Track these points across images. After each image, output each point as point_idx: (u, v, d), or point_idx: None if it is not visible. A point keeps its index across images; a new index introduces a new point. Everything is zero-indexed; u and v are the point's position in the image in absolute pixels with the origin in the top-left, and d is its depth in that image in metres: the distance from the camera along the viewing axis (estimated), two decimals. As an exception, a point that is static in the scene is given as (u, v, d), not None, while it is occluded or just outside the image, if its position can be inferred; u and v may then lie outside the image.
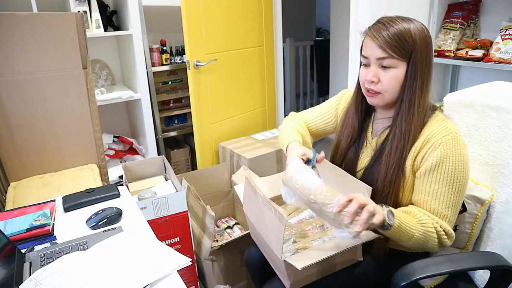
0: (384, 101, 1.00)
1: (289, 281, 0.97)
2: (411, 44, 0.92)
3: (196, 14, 2.02)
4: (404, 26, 0.93)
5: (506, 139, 0.99)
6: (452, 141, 0.92)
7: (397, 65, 0.94)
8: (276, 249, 0.95)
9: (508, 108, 0.99)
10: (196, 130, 2.19)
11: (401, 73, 0.95)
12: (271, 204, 0.93)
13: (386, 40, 0.92)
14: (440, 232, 0.91)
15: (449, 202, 0.92)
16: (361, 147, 1.10)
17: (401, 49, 0.92)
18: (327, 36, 4.45)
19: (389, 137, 1.00)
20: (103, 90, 2.31)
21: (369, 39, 0.97)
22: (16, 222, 1.02)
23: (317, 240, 1.05)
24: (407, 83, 0.95)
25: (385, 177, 0.99)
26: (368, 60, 0.98)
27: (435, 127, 0.95)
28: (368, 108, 1.10)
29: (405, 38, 0.92)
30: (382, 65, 0.95)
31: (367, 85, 0.99)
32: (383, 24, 0.94)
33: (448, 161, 0.91)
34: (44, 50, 1.58)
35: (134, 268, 0.81)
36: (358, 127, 1.10)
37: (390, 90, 0.97)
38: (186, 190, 1.64)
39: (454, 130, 0.94)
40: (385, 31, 0.93)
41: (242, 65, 2.40)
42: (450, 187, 0.92)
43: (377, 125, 1.09)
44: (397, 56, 0.93)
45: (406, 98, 0.96)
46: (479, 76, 2.07)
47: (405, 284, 0.79)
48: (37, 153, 1.65)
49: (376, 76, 0.96)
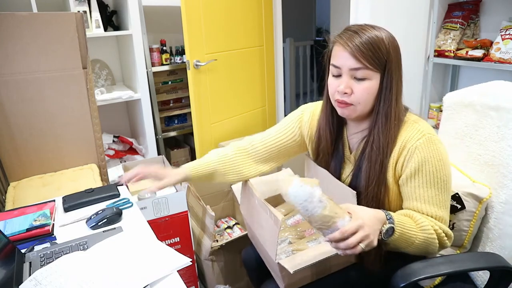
0: (356, 113, 0.94)
1: (283, 282, 0.97)
2: (385, 54, 0.88)
3: (196, 14, 2.02)
4: (376, 34, 0.89)
5: (506, 139, 0.99)
6: (427, 143, 0.90)
7: (372, 77, 0.90)
8: (271, 251, 0.95)
9: (508, 108, 0.99)
10: (196, 130, 2.19)
11: (375, 85, 0.91)
12: (266, 206, 0.93)
13: (359, 49, 0.87)
14: (440, 234, 0.91)
15: (439, 203, 0.92)
16: (341, 162, 1.06)
17: (376, 59, 0.88)
18: (327, 36, 4.44)
19: (366, 150, 0.96)
20: (103, 90, 2.31)
21: (340, 47, 0.91)
22: (16, 222, 1.02)
23: (312, 241, 1.05)
24: (382, 94, 0.91)
25: (367, 192, 0.96)
26: (339, 70, 0.92)
27: (408, 132, 0.93)
28: (340, 120, 1.04)
29: (379, 47, 0.88)
30: (355, 76, 0.90)
31: (339, 96, 0.93)
32: (355, 32, 0.89)
33: (427, 164, 0.90)
34: (44, 50, 1.58)
35: (134, 268, 0.81)
36: (331, 141, 1.05)
37: (364, 102, 0.92)
38: (186, 190, 1.64)
39: (426, 131, 0.92)
40: (358, 39, 0.88)
41: (242, 65, 2.40)
42: (435, 188, 0.91)
43: (352, 140, 1.05)
44: (372, 67, 0.88)
45: (382, 111, 0.92)
46: (479, 76, 2.07)
47: (404, 285, 0.79)
48: (37, 153, 1.65)
49: (349, 87, 0.91)
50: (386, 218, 0.85)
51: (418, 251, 0.91)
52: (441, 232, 0.91)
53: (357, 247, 0.78)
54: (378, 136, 0.93)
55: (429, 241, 0.89)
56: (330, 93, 0.97)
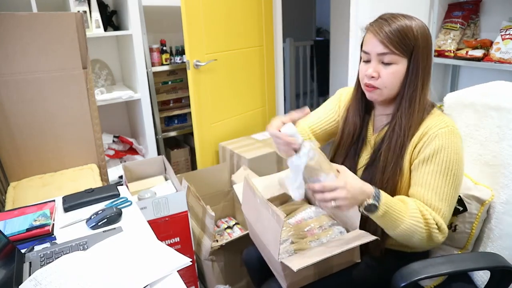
0: (382, 96, 1.00)
1: (286, 282, 0.97)
2: (412, 41, 0.93)
3: (196, 14, 2.02)
4: (406, 22, 0.93)
5: (507, 139, 0.99)
6: (448, 133, 0.93)
7: (398, 61, 0.94)
8: (273, 250, 0.95)
9: (509, 108, 0.99)
10: (196, 130, 2.19)
11: (401, 69, 0.95)
12: (268, 205, 0.93)
13: (388, 36, 0.92)
14: (432, 225, 0.90)
15: (443, 195, 0.92)
16: (361, 145, 1.10)
17: (403, 45, 0.93)
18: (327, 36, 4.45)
19: (388, 133, 1.00)
20: (103, 90, 2.31)
21: (370, 34, 0.97)
22: (16, 222, 1.02)
23: (315, 241, 1.05)
24: (407, 79, 0.96)
25: (383, 173, 0.99)
26: (369, 55, 0.98)
27: (432, 121, 0.96)
28: (368, 105, 1.10)
29: (406, 34, 0.92)
30: (382, 61, 0.95)
31: (367, 80, 0.99)
32: (385, 20, 0.95)
33: (443, 152, 0.91)
34: (44, 50, 1.58)
35: (134, 268, 0.81)
36: (360, 124, 1.10)
37: (390, 85, 0.97)
38: (186, 190, 1.64)
39: (451, 123, 0.95)
40: (387, 27, 0.93)
41: (242, 65, 2.40)
42: (444, 179, 0.92)
43: (377, 122, 1.09)
44: (399, 52, 0.93)
45: (406, 95, 0.96)
46: (479, 76, 2.07)
47: (405, 285, 0.79)
48: (37, 153, 1.65)
49: (376, 71, 0.96)
50: (373, 194, 0.88)
51: (403, 237, 0.91)
52: (434, 223, 0.90)
53: (329, 203, 0.86)
54: (400, 119, 0.97)
55: (415, 229, 0.89)
56: (360, 77, 1.03)
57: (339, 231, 1.08)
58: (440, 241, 0.92)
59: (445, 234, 0.93)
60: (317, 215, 1.17)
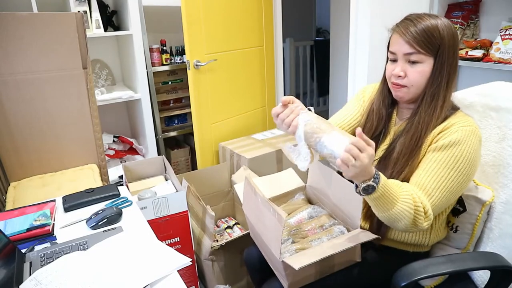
0: (409, 95, 1.01)
1: (287, 281, 0.97)
2: (438, 40, 0.94)
3: (196, 14, 2.02)
4: (431, 22, 0.95)
5: (506, 139, 0.99)
6: (470, 132, 0.93)
7: (424, 60, 0.96)
8: (275, 250, 0.95)
9: (508, 108, 0.99)
10: (196, 130, 2.19)
11: (428, 68, 0.96)
12: (270, 204, 0.93)
13: (413, 36, 0.94)
14: (418, 207, 0.89)
15: (440, 184, 0.91)
16: (382, 137, 1.10)
17: (429, 44, 0.94)
18: (327, 36, 4.45)
19: (407, 126, 1.01)
20: (103, 90, 2.31)
21: (397, 35, 0.98)
22: (16, 222, 1.02)
23: (316, 240, 1.05)
24: (433, 77, 0.96)
25: (395, 164, 0.99)
26: (395, 55, 0.99)
27: (457, 119, 0.97)
28: (393, 99, 1.11)
29: (432, 34, 0.94)
30: (409, 60, 0.97)
31: (394, 79, 1.01)
32: (411, 21, 0.96)
33: (458, 146, 0.92)
34: (44, 50, 1.58)
35: (134, 268, 0.81)
36: (385, 116, 1.10)
37: (416, 84, 0.98)
38: (186, 190, 1.64)
39: (475, 125, 0.95)
40: (413, 27, 0.94)
41: (242, 65, 2.40)
42: (448, 171, 0.91)
43: (400, 115, 1.10)
44: (424, 51, 0.94)
45: (429, 91, 0.97)
46: (479, 76, 2.07)
47: (405, 284, 0.79)
48: (37, 153, 1.65)
49: (403, 70, 0.98)
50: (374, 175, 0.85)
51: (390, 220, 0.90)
52: (420, 206, 0.89)
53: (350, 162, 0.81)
54: (420, 113, 0.98)
55: (404, 214, 0.88)
56: (387, 76, 1.04)
57: (340, 230, 1.08)
58: (424, 227, 0.90)
59: (430, 220, 0.90)
60: (318, 215, 1.17)
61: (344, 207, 1.10)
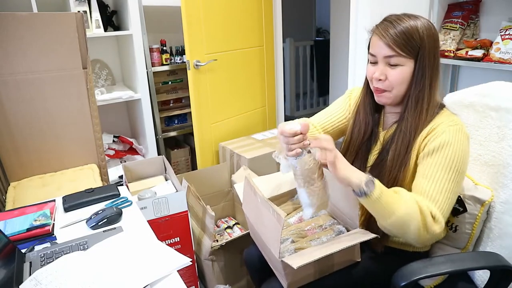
0: (391, 99, 1.00)
1: (286, 281, 0.97)
2: (418, 42, 0.93)
3: (196, 14, 2.02)
4: (411, 23, 0.93)
5: (506, 139, 0.99)
6: (456, 131, 0.93)
7: (405, 63, 0.95)
8: (274, 249, 0.95)
9: (508, 108, 0.99)
10: (196, 130, 2.19)
11: (408, 71, 0.95)
12: (269, 204, 0.93)
13: (393, 39, 0.93)
14: (426, 213, 0.88)
15: (442, 188, 0.91)
16: (372, 142, 1.10)
17: (409, 47, 0.93)
18: (327, 36, 4.45)
19: (396, 132, 1.01)
20: (103, 90, 2.31)
21: (376, 37, 0.97)
22: (16, 222, 1.02)
23: (315, 240, 1.05)
24: (414, 79, 0.96)
25: (390, 172, 0.99)
26: (375, 58, 0.98)
27: (442, 119, 0.96)
28: (378, 106, 1.10)
29: (412, 36, 0.93)
30: (389, 63, 0.96)
31: (375, 83, 1.00)
32: (390, 22, 0.95)
33: (449, 147, 0.91)
34: (44, 50, 1.58)
35: (134, 268, 0.81)
36: (370, 123, 1.10)
37: (397, 86, 0.97)
38: (186, 190, 1.64)
39: (460, 123, 0.95)
40: (393, 29, 0.93)
41: (242, 65, 2.40)
42: (446, 173, 0.91)
43: (387, 119, 1.10)
44: (405, 54, 0.93)
45: (413, 95, 0.97)
46: (479, 76, 2.07)
47: (405, 284, 0.79)
48: (37, 153, 1.65)
49: (383, 73, 0.97)
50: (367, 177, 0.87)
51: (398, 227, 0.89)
52: (428, 212, 0.88)
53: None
54: (407, 119, 0.98)
55: (410, 218, 0.86)
56: (368, 78, 1.04)
57: (339, 230, 1.08)
58: (437, 233, 0.89)
59: (442, 225, 0.89)
60: (317, 215, 1.17)
61: (343, 207, 1.11)
